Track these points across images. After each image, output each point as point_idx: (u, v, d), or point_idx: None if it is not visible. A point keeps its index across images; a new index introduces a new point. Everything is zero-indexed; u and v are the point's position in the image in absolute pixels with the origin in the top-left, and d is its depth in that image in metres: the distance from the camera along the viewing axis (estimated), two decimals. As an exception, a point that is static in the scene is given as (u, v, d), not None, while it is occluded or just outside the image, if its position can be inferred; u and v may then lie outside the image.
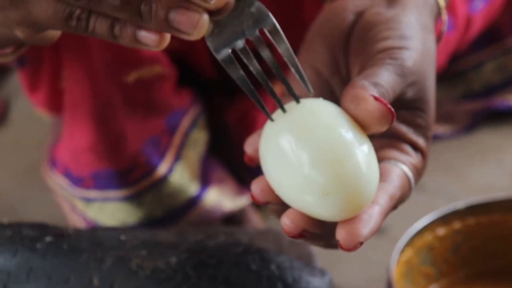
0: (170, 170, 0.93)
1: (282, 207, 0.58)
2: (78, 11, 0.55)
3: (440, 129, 1.10)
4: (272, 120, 0.56)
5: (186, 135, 0.95)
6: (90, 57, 0.87)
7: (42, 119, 1.03)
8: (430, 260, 0.85)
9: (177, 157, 0.94)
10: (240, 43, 0.56)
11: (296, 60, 0.57)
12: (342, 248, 0.55)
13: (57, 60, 0.91)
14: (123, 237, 0.74)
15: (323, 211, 0.55)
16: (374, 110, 0.55)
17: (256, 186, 0.58)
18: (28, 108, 1.12)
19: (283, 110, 0.56)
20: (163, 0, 0.54)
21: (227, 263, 0.71)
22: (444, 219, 0.86)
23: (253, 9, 0.55)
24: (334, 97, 0.62)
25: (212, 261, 0.71)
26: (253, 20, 0.56)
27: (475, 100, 1.11)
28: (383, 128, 0.56)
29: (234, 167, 1.00)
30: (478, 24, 1.05)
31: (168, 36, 0.56)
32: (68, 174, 0.94)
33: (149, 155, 0.92)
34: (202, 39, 0.56)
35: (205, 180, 0.96)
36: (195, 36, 0.55)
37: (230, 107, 0.99)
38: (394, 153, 0.61)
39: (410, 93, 0.60)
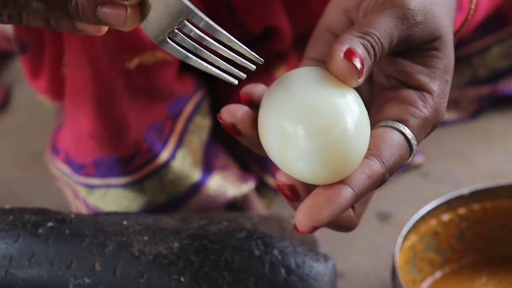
0: (173, 156, 0.93)
1: (249, 137, 0.59)
2: (6, 14, 0.56)
3: (446, 115, 1.09)
4: (234, 83, 0.58)
5: (189, 121, 0.95)
6: (92, 43, 0.87)
7: (44, 106, 1.02)
8: (435, 247, 0.85)
9: (179, 143, 0.94)
10: (175, 27, 0.57)
11: (230, 37, 0.57)
12: (297, 231, 0.56)
13: (59, 46, 0.90)
14: (125, 223, 0.74)
15: (307, 173, 0.56)
16: (339, 67, 0.56)
17: (225, 108, 0.59)
18: (30, 94, 1.11)
19: (231, 82, 0.58)
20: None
21: (230, 248, 0.71)
22: (449, 205, 0.86)
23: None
24: None
25: (215, 247, 0.71)
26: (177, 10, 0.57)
27: (481, 85, 1.11)
28: (353, 84, 0.57)
29: (237, 153, 1.00)
30: (483, 8, 1.04)
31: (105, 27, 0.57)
32: (70, 161, 0.94)
33: (151, 142, 0.91)
34: None
35: (208, 167, 0.95)
36: (128, 27, 0.56)
37: (233, 93, 0.99)
38: (398, 110, 0.60)
39: (419, 34, 0.59)
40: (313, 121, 0.55)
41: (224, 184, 0.96)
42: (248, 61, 0.58)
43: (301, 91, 0.56)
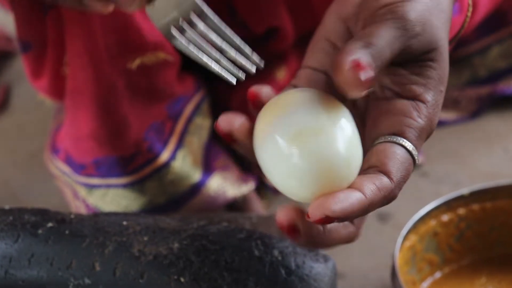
0: (173, 156, 0.93)
1: (245, 145, 0.59)
2: None
3: (445, 115, 1.09)
4: (232, 83, 0.59)
5: (189, 121, 0.95)
6: (94, 43, 0.87)
7: (44, 105, 1.02)
8: (434, 247, 0.85)
9: (180, 144, 0.94)
10: (178, 16, 0.57)
11: (236, 38, 0.58)
12: (308, 217, 0.56)
13: (61, 44, 0.90)
14: (125, 223, 0.74)
15: (296, 190, 0.57)
16: (346, 79, 0.56)
17: (222, 117, 0.59)
18: (30, 93, 1.11)
19: (231, 82, 0.59)
20: None
21: (230, 248, 0.71)
22: (449, 205, 0.86)
23: None
24: None
25: (215, 247, 0.71)
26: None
27: (481, 85, 1.11)
28: (356, 96, 0.57)
29: (238, 153, 1.00)
30: (483, 8, 1.04)
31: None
32: (70, 161, 0.94)
33: (151, 142, 0.91)
34: None
35: (208, 167, 0.95)
36: (133, 8, 0.56)
37: (233, 93, 0.99)
38: (394, 122, 0.60)
39: (416, 45, 0.60)
40: (306, 141, 0.56)
41: (224, 185, 0.96)
42: (250, 62, 0.58)
43: (296, 112, 0.57)
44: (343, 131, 0.57)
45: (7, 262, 0.72)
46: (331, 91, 0.60)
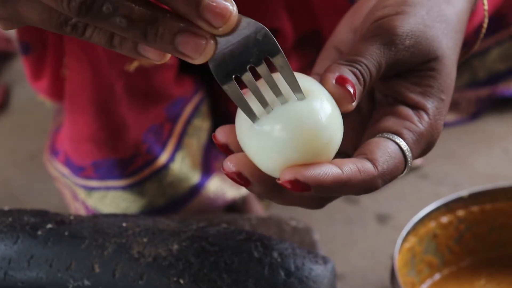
0: (172, 158, 0.93)
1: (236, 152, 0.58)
2: (74, 20, 0.53)
3: (444, 116, 1.09)
4: (253, 122, 0.56)
5: (188, 123, 0.95)
6: (92, 45, 0.87)
7: (43, 106, 1.02)
8: (434, 249, 0.85)
9: (178, 146, 0.94)
10: (243, 70, 0.55)
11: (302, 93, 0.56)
12: (279, 181, 0.55)
13: (60, 46, 0.90)
14: (124, 224, 0.74)
15: (281, 163, 0.56)
16: (334, 93, 0.57)
17: (220, 129, 0.59)
18: (30, 94, 1.11)
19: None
20: (170, 24, 0.52)
21: (229, 250, 0.71)
22: (448, 207, 0.86)
23: (259, 36, 0.54)
24: None
25: (214, 249, 0.71)
26: (258, 48, 0.54)
27: (480, 87, 1.11)
28: (348, 108, 0.57)
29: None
30: (482, 12, 1.04)
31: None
32: (69, 163, 0.94)
33: (150, 144, 0.91)
34: None
35: (207, 169, 0.95)
36: (199, 60, 0.53)
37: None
38: (393, 123, 0.60)
39: (408, 57, 0.60)
40: (288, 118, 0.55)
41: (223, 186, 0.96)
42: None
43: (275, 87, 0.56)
44: (323, 105, 0.56)
45: (7, 264, 0.72)
46: None
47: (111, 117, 0.89)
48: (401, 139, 0.59)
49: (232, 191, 0.96)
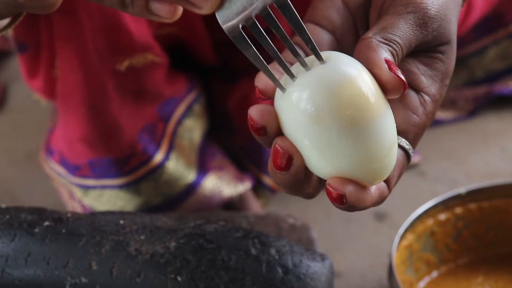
0: (166, 157, 0.93)
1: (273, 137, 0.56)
2: None
3: (442, 114, 1.09)
4: (283, 92, 0.55)
5: (179, 123, 0.95)
6: (83, 45, 0.87)
7: (40, 105, 1.02)
8: (431, 246, 0.85)
9: (171, 146, 0.94)
10: (249, 18, 0.54)
11: (308, 33, 0.55)
12: (328, 192, 0.55)
13: (52, 47, 0.90)
14: (122, 222, 0.74)
15: (340, 168, 0.55)
16: (387, 81, 0.55)
17: (255, 109, 0.56)
18: (27, 93, 1.11)
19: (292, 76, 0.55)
20: None
21: (227, 248, 0.71)
22: (446, 205, 0.86)
23: None
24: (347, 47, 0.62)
25: (212, 246, 0.71)
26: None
27: (477, 86, 1.11)
28: (395, 97, 0.56)
29: (234, 152, 1.00)
30: (479, 9, 1.04)
31: (180, 9, 0.54)
32: (64, 162, 0.94)
33: (145, 143, 0.91)
34: (203, 26, 0.55)
35: (203, 167, 0.95)
36: (206, 10, 0.53)
37: (230, 93, 0.99)
38: (402, 119, 0.60)
39: (430, 38, 0.60)
40: (358, 125, 0.54)
41: (220, 184, 0.96)
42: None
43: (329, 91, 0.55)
44: (392, 121, 0.56)
45: (4, 261, 0.72)
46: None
47: (102, 117, 0.89)
48: (407, 142, 0.60)
49: (229, 189, 0.96)
